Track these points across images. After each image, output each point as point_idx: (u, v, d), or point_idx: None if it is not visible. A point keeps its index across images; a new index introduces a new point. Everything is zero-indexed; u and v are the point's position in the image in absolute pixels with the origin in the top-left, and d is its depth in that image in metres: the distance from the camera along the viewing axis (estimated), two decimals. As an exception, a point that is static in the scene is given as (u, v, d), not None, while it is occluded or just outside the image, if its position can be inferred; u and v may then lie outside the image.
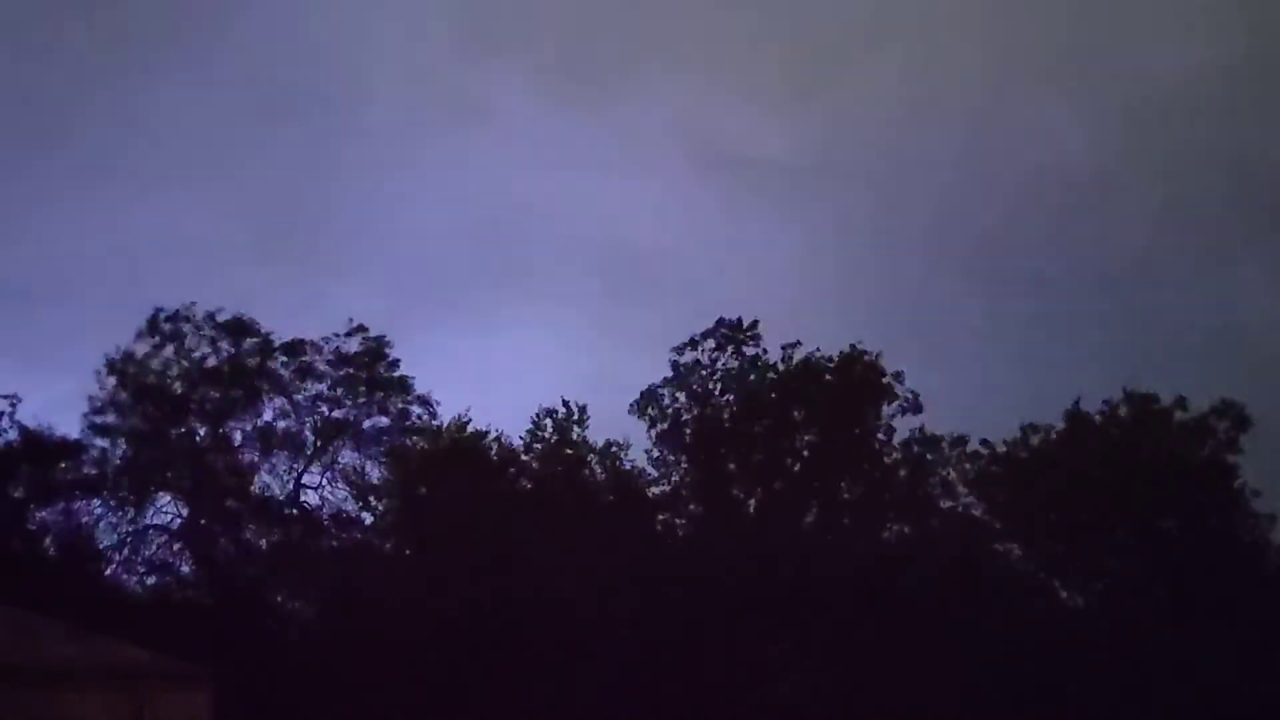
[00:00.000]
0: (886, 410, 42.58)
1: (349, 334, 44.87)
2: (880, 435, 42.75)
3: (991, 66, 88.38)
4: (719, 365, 43.30)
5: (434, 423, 44.53)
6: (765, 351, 43.35)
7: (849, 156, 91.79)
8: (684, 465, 43.28)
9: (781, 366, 43.19)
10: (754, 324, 43.43)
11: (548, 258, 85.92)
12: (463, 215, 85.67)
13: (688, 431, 42.95)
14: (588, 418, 43.23)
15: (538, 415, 43.30)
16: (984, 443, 43.28)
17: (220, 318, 44.03)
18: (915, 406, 42.47)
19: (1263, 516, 40.83)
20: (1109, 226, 78.01)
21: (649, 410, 43.13)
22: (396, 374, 45.11)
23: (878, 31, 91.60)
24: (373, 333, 45.07)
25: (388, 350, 45.09)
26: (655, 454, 43.19)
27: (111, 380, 42.75)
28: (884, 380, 42.47)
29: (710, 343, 43.28)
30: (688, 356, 43.37)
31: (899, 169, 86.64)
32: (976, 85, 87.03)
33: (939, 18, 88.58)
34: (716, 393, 43.25)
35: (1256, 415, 41.23)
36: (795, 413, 43.07)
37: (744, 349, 43.33)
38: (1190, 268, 73.36)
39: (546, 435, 43.27)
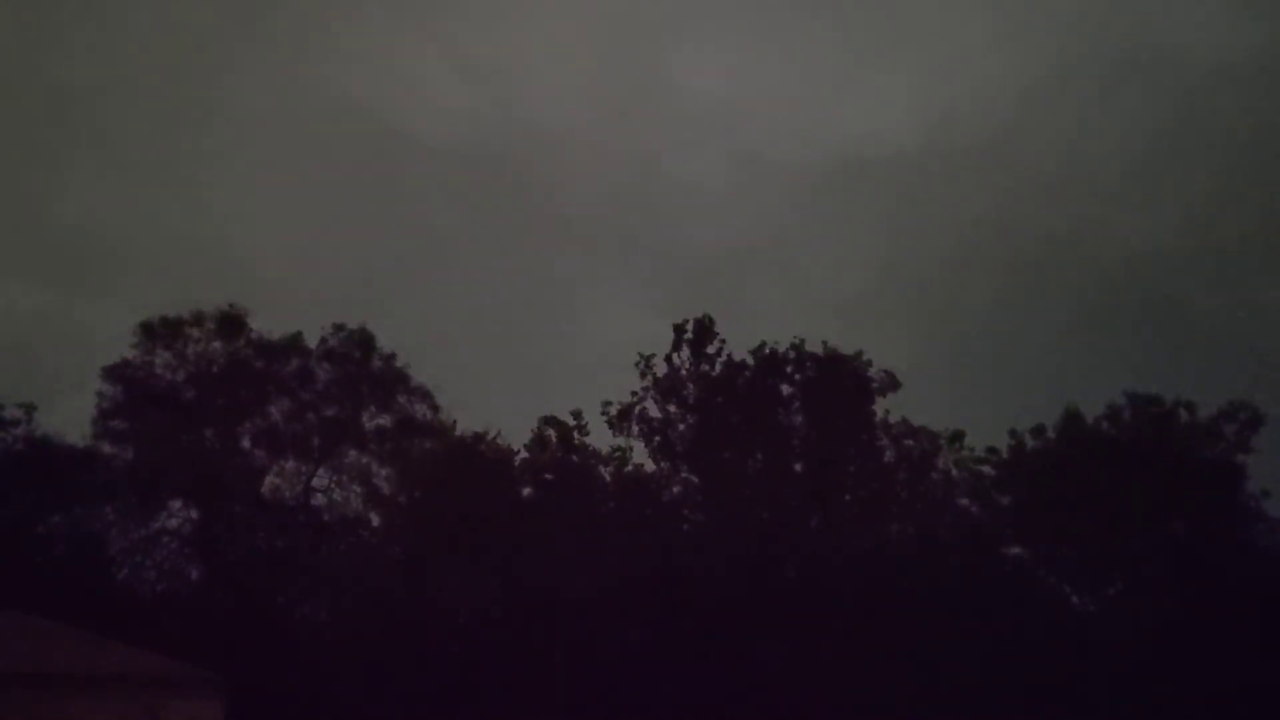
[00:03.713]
0: (879, 406, 42.54)
1: (329, 335, 44.75)
2: (879, 433, 42.54)
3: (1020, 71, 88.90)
4: (700, 369, 42.73)
5: (439, 418, 44.65)
6: (730, 351, 42.87)
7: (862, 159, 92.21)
8: (683, 471, 43.06)
9: (751, 361, 42.74)
10: (711, 320, 42.88)
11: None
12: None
13: (679, 439, 42.73)
14: (587, 423, 43.02)
15: (541, 422, 43.28)
16: (990, 450, 43.24)
17: (209, 314, 43.83)
18: (893, 384, 42.28)
19: (1275, 520, 40.57)
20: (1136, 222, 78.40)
21: (635, 423, 42.67)
22: (396, 369, 45.01)
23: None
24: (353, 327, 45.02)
25: (376, 342, 44.99)
26: (655, 463, 42.98)
27: (117, 387, 42.74)
28: (868, 373, 42.37)
29: (685, 351, 42.73)
30: (660, 365, 42.76)
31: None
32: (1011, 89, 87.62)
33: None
34: (702, 396, 42.68)
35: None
36: (785, 409, 42.80)
37: (709, 349, 42.82)
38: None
39: (550, 441, 43.14)
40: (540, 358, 76.96)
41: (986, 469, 43.41)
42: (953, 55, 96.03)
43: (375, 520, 44.40)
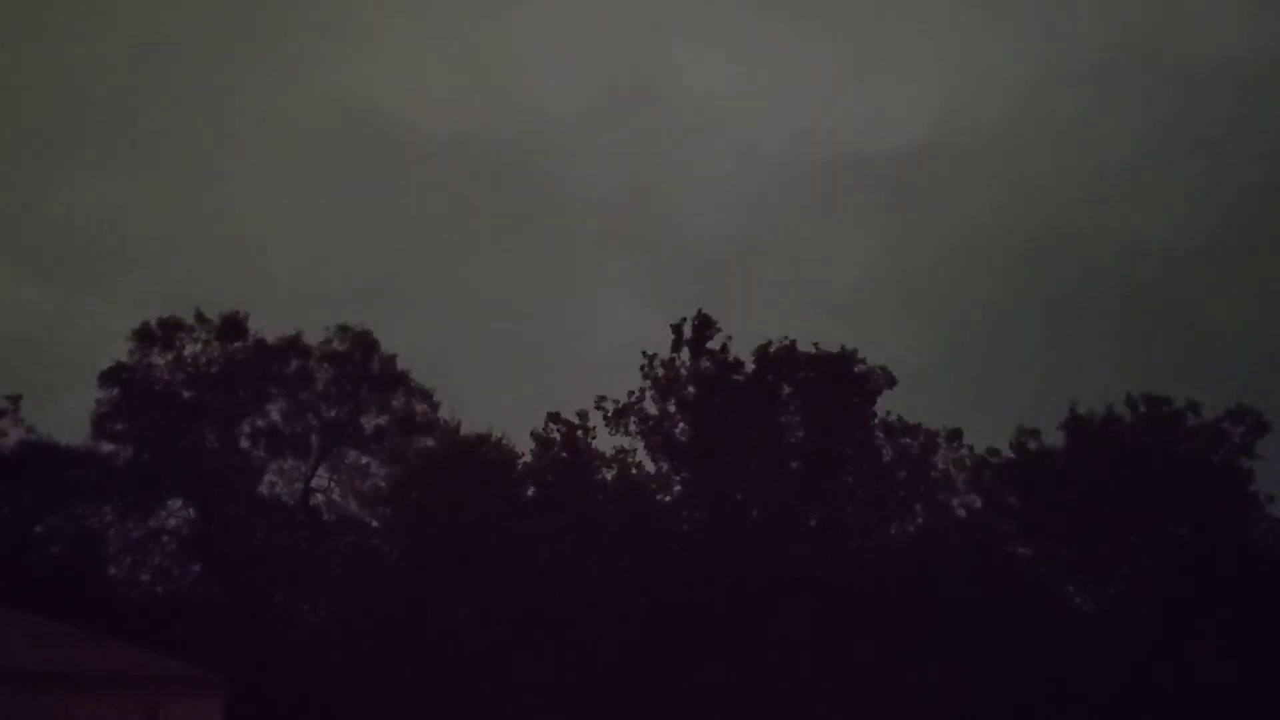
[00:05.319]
0: (876, 406, 42.20)
1: (333, 336, 44.68)
2: (876, 432, 42.31)
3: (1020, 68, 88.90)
4: (700, 368, 42.33)
5: (440, 419, 44.55)
6: (732, 348, 42.55)
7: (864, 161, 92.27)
8: (683, 473, 42.83)
9: (753, 362, 42.37)
10: (710, 320, 42.40)
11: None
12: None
13: (680, 438, 42.45)
14: (594, 427, 42.70)
15: (547, 419, 43.05)
16: (992, 450, 43.13)
17: (209, 316, 43.74)
18: (888, 381, 42.00)
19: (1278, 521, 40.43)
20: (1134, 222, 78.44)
21: (635, 421, 42.40)
22: (396, 369, 44.94)
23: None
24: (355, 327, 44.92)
25: (377, 344, 44.89)
26: (654, 465, 42.67)
27: (114, 391, 42.59)
28: (863, 370, 42.01)
29: (685, 351, 42.31)
30: (658, 362, 42.29)
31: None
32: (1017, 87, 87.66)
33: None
34: (700, 395, 42.28)
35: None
36: (783, 409, 42.49)
37: (709, 347, 42.41)
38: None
39: (554, 440, 42.96)
40: (543, 356, 77.03)
41: (989, 468, 43.25)
42: (953, 51, 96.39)
43: (375, 521, 44.34)
